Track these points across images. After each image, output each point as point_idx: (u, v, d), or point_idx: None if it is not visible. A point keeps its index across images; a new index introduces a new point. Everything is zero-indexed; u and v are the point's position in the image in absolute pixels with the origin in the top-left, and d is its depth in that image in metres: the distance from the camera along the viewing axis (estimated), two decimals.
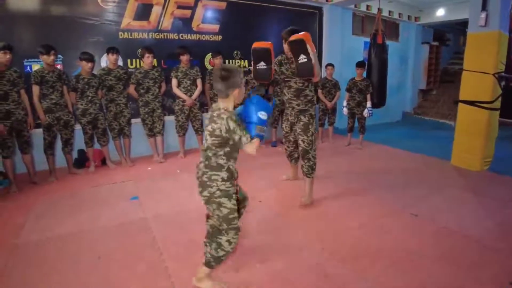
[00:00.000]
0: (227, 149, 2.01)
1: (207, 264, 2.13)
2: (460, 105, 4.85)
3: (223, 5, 6.01)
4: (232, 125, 1.92)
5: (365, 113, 5.77)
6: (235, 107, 2.10)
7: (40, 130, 4.41)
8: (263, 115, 2.07)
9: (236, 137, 1.95)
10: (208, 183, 2.03)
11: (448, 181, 4.29)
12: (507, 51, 4.59)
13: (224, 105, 2.02)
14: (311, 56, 3.04)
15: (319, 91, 6.21)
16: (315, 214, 3.33)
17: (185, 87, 5.17)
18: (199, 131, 5.57)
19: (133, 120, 5.16)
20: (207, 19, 5.89)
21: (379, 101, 6.03)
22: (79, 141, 4.85)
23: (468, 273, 2.34)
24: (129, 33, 5.26)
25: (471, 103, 4.67)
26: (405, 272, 2.36)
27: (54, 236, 2.97)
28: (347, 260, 2.51)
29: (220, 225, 2.10)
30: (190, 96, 5.21)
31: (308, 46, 3.03)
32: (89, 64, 4.47)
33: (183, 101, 5.20)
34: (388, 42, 6.29)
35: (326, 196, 3.80)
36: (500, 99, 4.60)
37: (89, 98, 4.57)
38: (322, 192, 3.91)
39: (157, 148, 5.32)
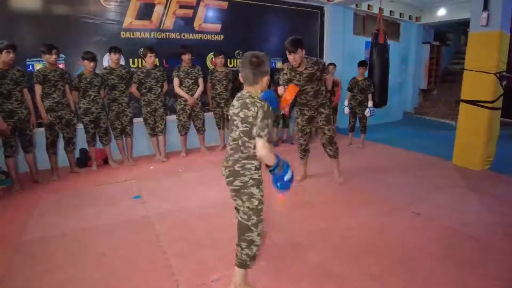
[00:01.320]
0: (253, 135, 1.94)
1: (243, 265, 2.08)
2: (462, 104, 4.86)
3: (225, 4, 6.02)
4: (260, 115, 1.89)
5: (367, 112, 5.77)
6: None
7: (43, 129, 4.42)
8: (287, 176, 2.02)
9: (255, 128, 1.91)
10: (241, 171, 1.99)
11: (449, 180, 4.29)
12: (508, 51, 4.60)
13: (253, 92, 2.00)
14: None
15: None
16: (317, 212, 3.35)
17: (187, 86, 5.18)
18: (200, 130, 5.58)
19: (135, 120, 5.17)
20: (209, 19, 5.90)
21: (381, 100, 6.04)
22: (81, 140, 4.87)
23: (471, 272, 2.35)
24: (131, 33, 5.27)
25: (473, 102, 4.68)
26: (408, 270, 2.37)
27: (58, 233, 2.99)
28: (350, 258, 2.52)
29: (248, 219, 2.04)
30: (192, 95, 5.22)
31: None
32: (92, 64, 4.48)
33: (185, 100, 5.21)
34: (389, 42, 6.30)
35: (328, 195, 3.82)
36: (501, 98, 4.61)
37: (92, 97, 4.58)
38: (324, 191, 3.93)
39: (159, 148, 5.33)
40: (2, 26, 4.43)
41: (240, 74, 2.03)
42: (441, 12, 8.92)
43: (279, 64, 6.72)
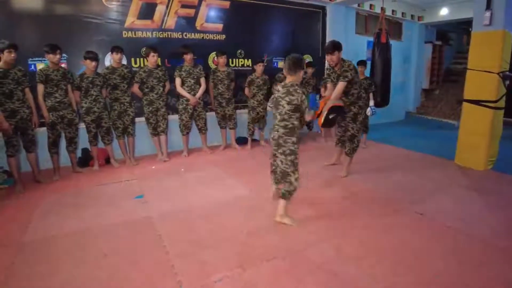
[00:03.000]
0: (298, 114, 2.91)
1: (284, 196, 2.99)
2: (464, 104, 4.84)
3: (227, 4, 6.01)
4: (303, 97, 2.87)
5: (368, 111, 5.75)
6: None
7: (45, 128, 4.43)
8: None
9: (304, 106, 2.88)
10: (283, 143, 2.91)
11: (452, 180, 4.28)
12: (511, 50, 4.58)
13: (293, 81, 2.94)
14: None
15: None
16: (320, 213, 3.33)
17: (189, 86, 5.18)
18: (203, 130, 5.58)
19: (137, 119, 5.17)
20: (210, 18, 5.90)
21: (383, 100, 6.01)
22: (83, 140, 4.86)
23: (475, 272, 2.33)
24: (133, 32, 5.27)
25: (476, 102, 4.66)
26: (413, 270, 2.36)
27: (60, 233, 2.98)
28: (354, 259, 2.51)
29: (288, 168, 2.93)
30: (194, 95, 5.22)
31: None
32: (93, 63, 4.48)
33: (187, 100, 5.21)
34: (391, 41, 6.28)
35: (330, 195, 3.81)
36: (504, 98, 4.59)
37: (93, 97, 4.58)
38: (327, 191, 3.92)
39: (161, 147, 5.33)
40: (3, 26, 4.43)
41: (284, 69, 3.04)
42: (444, 12, 8.89)
43: (281, 64, 6.71)
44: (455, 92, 9.85)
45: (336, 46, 3.95)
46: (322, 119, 3.55)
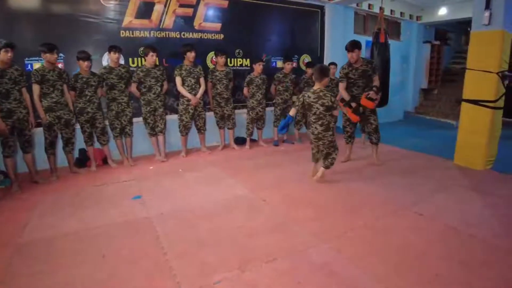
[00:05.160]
0: (329, 112, 3.84)
1: (327, 167, 4.08)
2: (463, 104, 4.83)
3: (225, 3, 5.99)
4: (333, 99, 3.80)
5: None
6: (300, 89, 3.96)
7: (41, 129, 4.39)
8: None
9: (335, 105, 3.79)
10: (322, 138, 3.95)
11: (451, 180, 4.27)
12: (511, 50, 4.57)
13: (321, 87, 3.85)
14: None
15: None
16: (319, 213, 3.31)
17: (189, 85, 5.15)
18: (202, 130, 5.55)
19: (135, 119, 5.13)
20: (209, 18, 5.87)
21: (382, 100, 5.99)
22: (80, 140, 4.83)
23: (476, 273, 2.31)
24: (131, 32, 5.23)
25: (475, 102, 4.65)
26: (413, 271, 2.34)
27: (58, 234, 2.95)
28: (355, 259, 2.49)
29: (330, 149, 4.02)
30: (195, 94, 5.19)
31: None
32: (86, 63, 4.41)
33: (188, 100, 5.17)
34: (389, 41, 6.27)
35: (329, 195, 3.78)
36: (503, 98, 4.58)
37: (88, 97, 4.53)
38: (326, 191, 3.89)
39: (159, 147, 5.30)
40: (0, 25, 4.39)
41: (313, 76, 4.21)
42: (442, 11, 8.90)
43: (279, 64, 6.69)
44: (453, 92, 9.84)
45: (356, 44, 4.43)
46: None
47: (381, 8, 6.29)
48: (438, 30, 10.51)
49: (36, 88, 4.16)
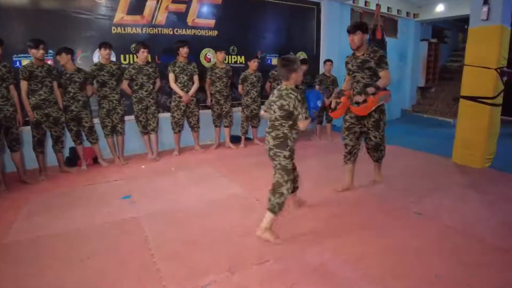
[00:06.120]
0: (291, 122, 2.62)
1: (271, 209, 2.64)
2: (461, 101, 4.75)
3: None
4: (297, 103, 2.54)
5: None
6: (296, 87, 2.68)
7: (30, 127, 4.26)
8: (319, 102, 3.14)
9: (296, 112, 2.56)
10: (273, 157, 2.69)
11: (450, 179, 4.19)
12: (509, 45, 4.49)
13: (288, 86, 2.63)
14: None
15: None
16: (314, 213, 3.21)
17: (182, 82, 5.05)
18: (195, 127, 5.45)
19: (126, 117, 5.02)
20: (202, 14, 5.75)
21: None
22: (71, 139, 4.70)
23: (476, 274, 2.23)
24: (122, 28, 5.12)
25: (473, 98, 4.57)
26: (411, 272, 2.25)
27: (45, 235, 2.86)
28: (351, 260, 2.40)
29: (281, 176, 2.67)
30: (187, 92, 5.08)
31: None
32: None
33: (180, 97, 5.08)
34: (386, 38, 6.19)
35: (325, 194, 3.68)
36: (502, 95, 4.50)
37: (71, 94, 4.41)
38: (322, 190, 3.79)
39: (151, 146, 5.19)
40: None
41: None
42: (440, 8, 8.81)
43: (274, 61, 6.59)
44: (451, 90, 9.80)
45: (359, 26, 3.41)
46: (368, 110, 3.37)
47: (377, 5, 6.21)
48: (434, 28, 10.44)
49: (23, 85, 4.04)
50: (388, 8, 8.37)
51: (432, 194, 3.65)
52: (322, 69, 6.74)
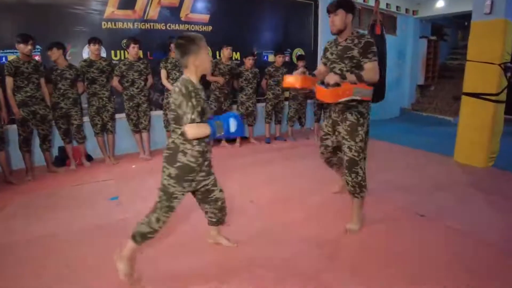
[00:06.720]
0: (178, 125, 1.91)
1: (135, 238, 2.03)
2: (464, 98, 4.60)
3: None
4: (180, 98, 1.80)
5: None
6: (204, 79, 1.97)
7: (16, 125, 4.10)
8: (232, 122, 1.97)
9: (180, 112, 1.82)
10: (163, 171, 1.99)
11: (452, 178, 4.04)
12: None
13: (186, 76, 1.92)
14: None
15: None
16: (311, 216, 3.06)
17: (174, 79, 4.88)
18: None
19: (117, 115, 4.86)
20: (196, 9, 5.58)
21: (378, 95, 5.75)
22: (59, 137, 4.54)
23: (487, 282, 2.07)
24: (113, 23, 4.94)
25: (476, 95, 4.42)
26: (414, 281, 2.09)
27: (23, 239, 2.68)
28: (349, 267, 2.24)
29: (160, 199, 2.05)
30: None
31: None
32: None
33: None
34: (386, 35, 6.03)
35: (322, 196, 3.52)
36: (505, 91, 4.35)
37: (61, 91, 4.25)
38: (319, 191, 3.63)
39: (143, 145, 5.02)
40: None
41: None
42: (439, 4, 8.66)
43: (271, 57, 6.43)
44: (450, 88, 9.67)
45: (343, 4, 2.52)
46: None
47: (376, 1, 6.04)
48: (434, 25, 10.30)
49: (9, 81, 3.88)
50: (387, 4, 8.22)
51: (435, 194, 3.52)
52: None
